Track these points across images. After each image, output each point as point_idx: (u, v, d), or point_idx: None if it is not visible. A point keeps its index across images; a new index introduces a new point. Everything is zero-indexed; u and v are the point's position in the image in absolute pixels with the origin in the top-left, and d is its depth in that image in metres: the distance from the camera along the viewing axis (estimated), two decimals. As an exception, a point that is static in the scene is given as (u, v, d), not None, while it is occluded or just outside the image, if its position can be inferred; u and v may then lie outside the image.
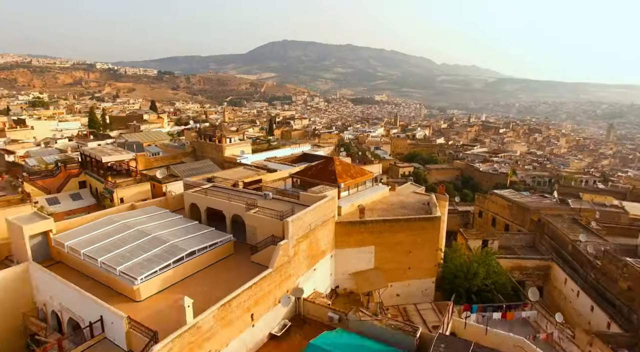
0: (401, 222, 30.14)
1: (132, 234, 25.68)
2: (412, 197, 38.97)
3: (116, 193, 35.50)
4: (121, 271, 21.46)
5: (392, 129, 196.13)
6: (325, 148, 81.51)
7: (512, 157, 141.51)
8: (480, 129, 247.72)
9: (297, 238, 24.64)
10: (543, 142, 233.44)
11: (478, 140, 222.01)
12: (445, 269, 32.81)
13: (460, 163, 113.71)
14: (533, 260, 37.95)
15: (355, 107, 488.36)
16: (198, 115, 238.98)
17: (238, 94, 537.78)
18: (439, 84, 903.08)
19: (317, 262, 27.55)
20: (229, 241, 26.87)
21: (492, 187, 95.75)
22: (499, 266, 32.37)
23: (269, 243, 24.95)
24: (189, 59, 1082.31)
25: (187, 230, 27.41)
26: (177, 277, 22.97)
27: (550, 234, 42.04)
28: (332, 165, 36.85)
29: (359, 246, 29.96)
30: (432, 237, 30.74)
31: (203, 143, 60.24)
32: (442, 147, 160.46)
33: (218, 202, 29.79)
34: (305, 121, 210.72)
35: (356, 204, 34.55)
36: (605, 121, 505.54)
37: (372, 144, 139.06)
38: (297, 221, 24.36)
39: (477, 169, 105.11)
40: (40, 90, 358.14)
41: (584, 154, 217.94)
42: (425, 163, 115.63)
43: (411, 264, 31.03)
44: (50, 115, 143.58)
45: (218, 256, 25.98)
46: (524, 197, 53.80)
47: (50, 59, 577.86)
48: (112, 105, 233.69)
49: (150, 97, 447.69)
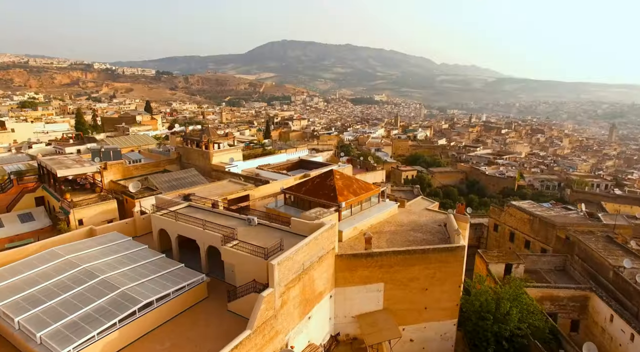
0: (416, 253, 24.47)
1: (75, 277, 19.98)
2: (426, 216, 33.31)
3: (73, 214, 29.80)
4: (42, 337, 15.77)
5: (392, 130, 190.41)
6: (324, 152, 75.96)
7: (517, 159, 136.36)
8: (482, 129, 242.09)
9: (286, 284, 18.99)
10: (546, 143, 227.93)
11: (480, 141, 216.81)
12: (467, 307, 27.18)
13: (464, 166, 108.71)
14: (567, 289, 32.30)
15: (355, 107, 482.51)
16: (195, 116, 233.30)
17: (237, 94, 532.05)
18: (438, 83, 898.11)
19: (312, 308, 21.89)
20: (200, 282, 21.20)
21: (499, 192, 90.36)
22: (534, 304, 26.71)
23: (249, 289, 19.32)
24: (187, 59, 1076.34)
25: (149, 267, 21.73)
26: (125, 340, 17.28)
27: (583, 255, 36.42)
28: (331, 180, 31.21)
29: (365, 283, 24.30)
30: (454, 271, 25.08)
31: (189, 149, 54.50)
32: (444, 149, 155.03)
33: (190, 229, 24.10)
34: (304, 122, 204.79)
35: (360, 227, 28.91)
36: (606, 121, 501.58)
37: (372, 146, 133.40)
38: (286, 262, 18.69)
39: (482, 173, 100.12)
40: (36, 91, 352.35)
41: (587, 155, 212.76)
42: (428, 166, 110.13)
43: (428, 303, 25.39)
44: (38, 116, 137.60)
45: (186, 303, 20.32)
46: (545, 210, 48.14)
47: (47, 59, 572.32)
48: (107, 106, 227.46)
49: (148, 97, 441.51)
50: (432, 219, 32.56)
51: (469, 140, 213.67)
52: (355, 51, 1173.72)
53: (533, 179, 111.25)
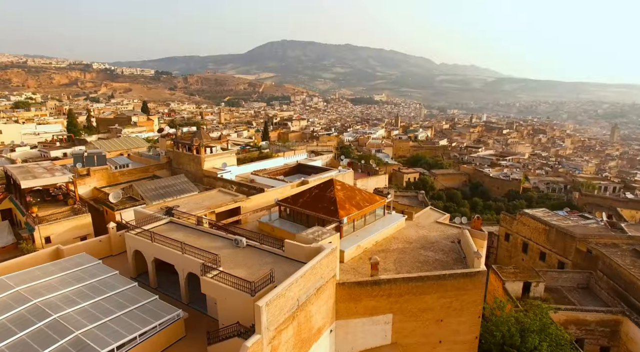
0: (431, 280, 21.07)
1: (20, 316, 16.55)
2: (436, 230, 29.92)
3: (38, 231, 26.34)
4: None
5: (393, 130, 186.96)
6: (324, 155, 72.47)
7: (521, 161, 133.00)
8: (483, 129, 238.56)
9: (276, 327, 15.60)
10: (548, 144, 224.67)
11: (481, 141, 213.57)
12: (486, 337, 23.82)
13: (467, 168, 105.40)
14: (596, 313, 28.95)
15: (355, 107, 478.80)
16: (193, 117, 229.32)
17: (236, 94, 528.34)
18: (438, 83, 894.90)
19: (309, 348, 18.50)
20: (176, 319, 17.81)
21: (504, 194, 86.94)
22: (565, 336, 23.32)
23: (233, 332, 15.93)
24: (187, 59, 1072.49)
25: (116, 300, 18.34)
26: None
27: (609, 272, 33.06)
28: (331, 191, 27.84)
29: (371, 315, 20.90)
30: (473, 300, 21.70)
31: (180, 153, 51.05)
32: (445, 150, 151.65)
33: (168, 252, 20.71)
34: (303, 122, 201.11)
35: (364, 245, 25.54)
36: (607, 121, 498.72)
37: (373, 147, 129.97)
38: (276, 300, 15.30)
39: (486, 175, 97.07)
40: (34, 91, 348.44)
41: (590, 156, 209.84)
42: (430, 167, 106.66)
43: (443, 336, 22.00)
44: (30, 117, 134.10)
45: (157, 346, 16.94)
46: (562, 219, 44.74)
47: (46, 59, 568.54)
48: (104, 106, 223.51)
49: (146, 97, 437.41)
50: (443, 234, 29.18)
51: (470, 140, 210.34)
52: (355, 51, 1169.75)
53: (538, 181, 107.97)
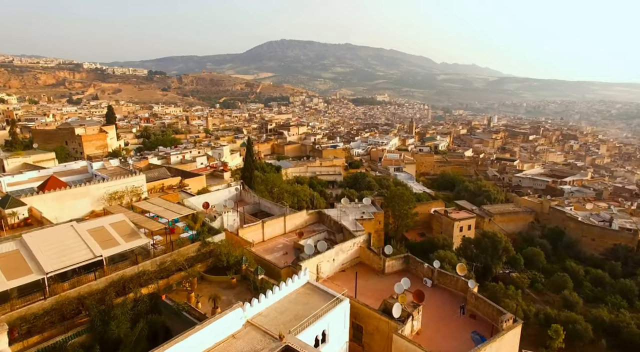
0: None
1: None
2: None
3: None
4: None
5: (408, 139, 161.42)
6: (347, 243, 47.16)
7: (585, 183, 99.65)
8: (506, 135, 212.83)
9: None
10: (581, 151, 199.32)
11: (506, 149, 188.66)
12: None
13: (532, 202, 76.33)
14: None
15: (357, 108, 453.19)
16: (177, 122, 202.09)
17: (232, 95, 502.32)
18: (439, 83, 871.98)
19: None
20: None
21: (610, 252, 58.83)
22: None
23: None
24: (185, 59, 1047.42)
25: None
26: None
27: None
28: None
29: None
30: None
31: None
32: (475, 164, 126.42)
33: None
34: (302, 128, 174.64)
35: None
36: (622, 121, 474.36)
37: (390, 164, 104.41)
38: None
39: (571, 218, 67.59)
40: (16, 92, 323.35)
41: (632, 165, 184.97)
42: (473, 196, 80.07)
43: None
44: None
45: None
46: None
47: (34, 59, 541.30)
48: (75, 111, 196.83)
49: (137, 98, 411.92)
50: None
51: (494, 148, 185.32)
52: (355, 50, 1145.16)
53: None
